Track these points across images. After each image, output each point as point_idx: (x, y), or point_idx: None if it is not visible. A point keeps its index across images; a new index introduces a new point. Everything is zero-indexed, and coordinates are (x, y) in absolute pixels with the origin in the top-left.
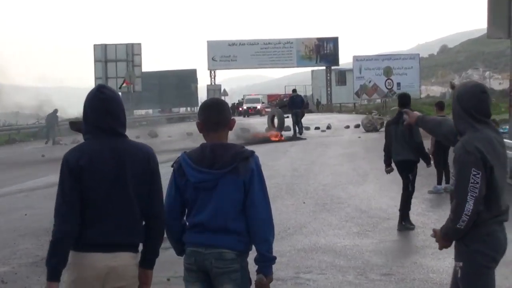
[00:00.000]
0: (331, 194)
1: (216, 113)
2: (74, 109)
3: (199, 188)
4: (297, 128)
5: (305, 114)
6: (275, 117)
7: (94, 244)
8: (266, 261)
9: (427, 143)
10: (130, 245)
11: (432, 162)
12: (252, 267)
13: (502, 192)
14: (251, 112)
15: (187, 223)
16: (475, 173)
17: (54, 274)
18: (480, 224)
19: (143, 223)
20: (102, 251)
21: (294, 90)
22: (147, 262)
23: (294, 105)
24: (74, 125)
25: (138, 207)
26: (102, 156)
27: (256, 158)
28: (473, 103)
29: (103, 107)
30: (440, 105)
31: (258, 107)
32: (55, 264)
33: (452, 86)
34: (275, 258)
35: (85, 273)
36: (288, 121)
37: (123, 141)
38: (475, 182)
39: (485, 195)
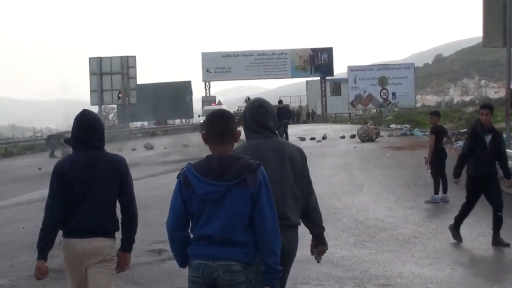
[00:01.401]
0: (327, 205)
1: (221, 125)
2: (70, 121)
3: (206, 200)
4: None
5: (299, 124)
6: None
7: (73, 232)
8: (273, 273)
9: (424, 153)
10: (103, 232)
11: (429, 171)
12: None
13: (277, 197)
14: None
15: (192, 235)
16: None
17: (42, 254)
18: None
19: (117, 215)
20: (80, 237)
21: (280, 102)
22: (124, 246)
23: (282, 115)
24: (67, 140)
25: (110, 203)
26: (79, 164)
27: (262, 170)
28: (251, 115)
29: (82, 126)
30: (435, 114)
31: None
32: (42, 247)
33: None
34: (281, 270)
35: (69, 254)
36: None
37: (98, 152)
38: None
39: None
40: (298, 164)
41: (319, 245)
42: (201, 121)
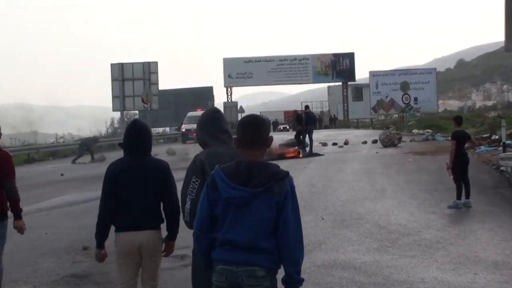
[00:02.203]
0: (349, 210)
1: (252, 131)
2: (93, 127)
3: (230, 204)
4: (309, 144)
5: (321, 130)
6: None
7: (126, 226)
8: (294, 283)
9: (446, 158)
10: (151, 226)
11: (451, 177)
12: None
13: None
14: (191, 136)
15: (217, 239)
16: (195, 179)
17: (99, 244)
18: None
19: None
20: (133, 231)
21: (307, 107)
22: (170, 236)
23: (308, 121)
24: (121, 144)
25: (156, 201)
26: (129, 168)
27: (291, 179)
28: (211, 121)
29: (133, 134)
30: (457, 119)
31: None
32: (99, 238)
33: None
34: (303, 280)
35: (123, 246)
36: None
37: (146, 157)
38: (192, 187)
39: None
40: None
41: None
42: (184, 130)
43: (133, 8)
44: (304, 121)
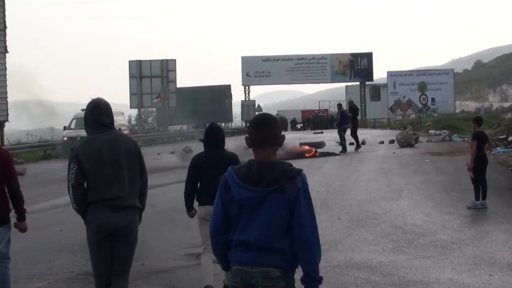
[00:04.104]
0: (365, 210)
1: (264, 130)
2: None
3: (244, 205)
4: (344, 143)
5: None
6: None
7: (206, 201)
8: (312, 281)
9: (467, 158)
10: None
11: (473, 177)
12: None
13: (106, 182)
14: None
15: (232, 240)
16: (72, 166)
17: (188, 208)
18: (89, 205)
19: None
20: (210, 204)
21: (340, 105)
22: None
23: (344, 121)
24: (201, 140)
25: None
26: (207, 158)
27: (303, 177)
28: (88, 114)
29: (209, 132)
30: (478, 120)
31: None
32: (187, 205)
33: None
34: (321, 278)
35: (201, 214)
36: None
37: (220, 150)
38: (71, 173)
39: (88, 183)
40: (132, 153)
41: None
42: (65, 138)
43: (152, 5)
44: (339, 121)
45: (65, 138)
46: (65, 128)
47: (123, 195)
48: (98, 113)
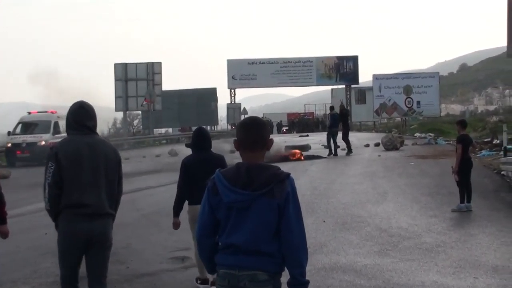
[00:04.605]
0: (351, 213)
1: (253, 132)
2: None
3: (232, 208)
4: (333, 146)
5: (324, 132)
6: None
7: (195, 201)
8: (299, 285)
9: (452, 162)
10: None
11: (457, 180)
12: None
13: (82, 186)
14: (22, 155)
15: (220, 243)
16: (50, 164)
17: (176, 214)
18: (62, 210)
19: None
20: (198, 204)
21: (332, 108)
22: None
23: (334, 124)
24: (188, 144)
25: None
26: (196, 160)
27: (291, 181)
28: (71, 115)
29: (198, 135)
30: (462, 123)
31: (42, 142)
32: (175, 209)
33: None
34: (308, 282)
35: (192, 214)
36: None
37: (207, 152)
38: (48, 172)
39: (62, 186)
40: (112, 162)
41: None
42: (10, 145)
43: (138, 7)
44: (330, 124)
45: (9, 145)
46: (9, 133)
47: (98, 202)
48: (82, 114)
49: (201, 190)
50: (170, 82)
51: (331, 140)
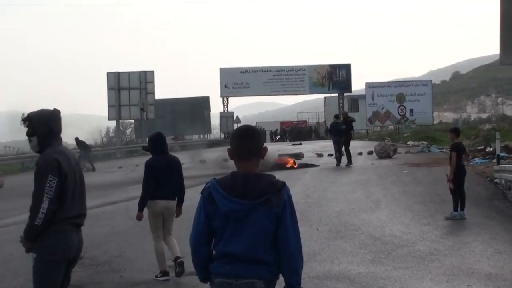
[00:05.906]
0: (344, 221)
1: (248, 141)
2: (88, 136)
3: (229, 217)
4: (338, 156)
5: (317, 141)
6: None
7: (160, 196)
8: None
9: (445, 169)
10: (174, 197)
11: (452, 188)
12: None
13: (75, 197)
14: None
15: (215, 252)
16: (51, 178)
17: (140, 209)
18: (55, 222)
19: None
20: (163, 199)
21: (337, 116)
22: (178, 203)
23: (335, 132)
24: (145, 147)
25: (179, 182)
26: (162, 162)
27: (287, 189)
28: (53, 123)
29: (155, 140)
30: (455, 131)
31: None
32: (141, 206)
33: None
34: None
35: (156, 209)
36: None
37: (168, 155)
38: (49, 186)
39: (59, 198)
40: (81, 170)
41: None
42: None
43: (130, 17)
44: (330, 131)
45: None
46: None
47: (85, 213)
48: (60, 124)
49: (163, 187)
50: (163, 91)
51: (337, 149)
